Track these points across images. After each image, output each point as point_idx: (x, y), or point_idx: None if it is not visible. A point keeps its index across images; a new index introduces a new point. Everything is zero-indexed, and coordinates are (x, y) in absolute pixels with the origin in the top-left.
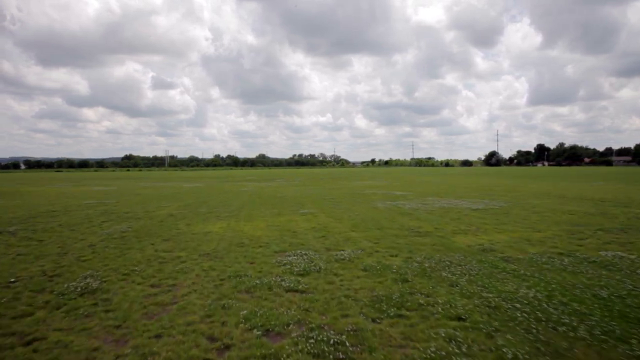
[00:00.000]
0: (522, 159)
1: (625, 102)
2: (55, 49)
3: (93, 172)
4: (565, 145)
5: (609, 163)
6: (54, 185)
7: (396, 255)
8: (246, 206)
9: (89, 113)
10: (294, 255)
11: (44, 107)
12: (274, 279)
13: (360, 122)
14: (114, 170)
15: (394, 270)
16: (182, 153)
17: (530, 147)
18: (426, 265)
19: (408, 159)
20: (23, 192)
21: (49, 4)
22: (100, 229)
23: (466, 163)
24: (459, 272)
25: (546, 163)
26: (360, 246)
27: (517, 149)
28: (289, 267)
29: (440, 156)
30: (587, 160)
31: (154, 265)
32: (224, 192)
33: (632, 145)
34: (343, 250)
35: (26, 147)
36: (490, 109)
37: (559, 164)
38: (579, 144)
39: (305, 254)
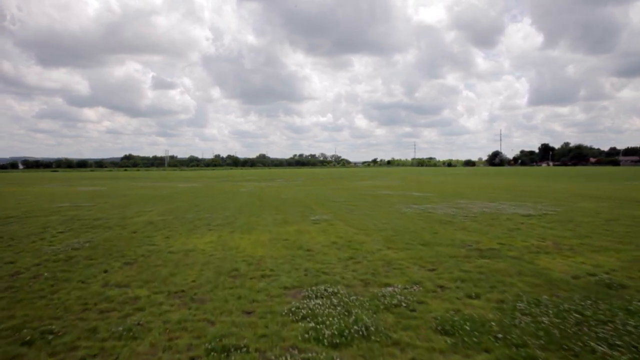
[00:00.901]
0: (527, 158)
1: (626, 103)
2: (56, 49)
3: (89, 172)
4: (571, 145)
5: (616, 163)
6: (42, 185)
7: (477, 297)
8: (244, 210)
9: (89, 113)
10: (317, 297)
11: (44, 107)
12: (289, 356)
13: (361, 122)
14: (110, 170)
15: (496, 334)
16: (182, 153)
17: (531, 147)
18: (544, 321)
19: (409, 159)
20: (0, 192)
21: (49, 4)
22: (49, 244)
23: (469, 163)
24: (612, 336)
25: (551, 163)
26: (412, 277)
27: (519, 149)
28: (312, 324)
29: (440, 156)
30: (592, 160)
31: (87, 319)
32: (221, 192)
33: (633, 144)
34: (390, 287)
35: (27, 147)
36: (491, 109)
37: (565, 164)
38: (580, 144)
39: (334, 294)
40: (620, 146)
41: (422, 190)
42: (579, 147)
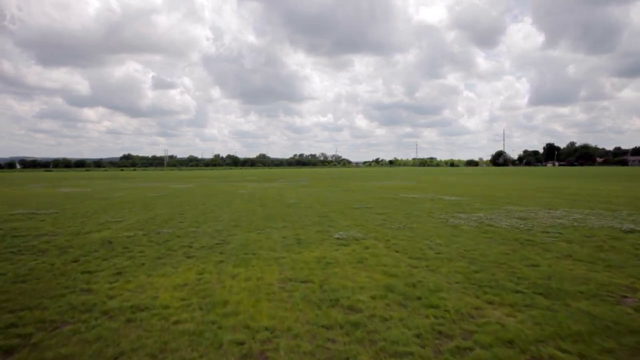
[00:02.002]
0: (532, 158)
1: (626, 103)
2: (56, 49)
3: (84, 172)
4: (576, 145)
5: (624, 163)
6: (22, 186)
7: None
8: (242, 222)
9: (89, 113)
10: None
11: (44, 107)
12: None
13: (361, 122)
14: (106, 170)
15: None
16: (182, 153)
17: (532, 147)
18: None
19: (409, 159)
20: None
21: (49, 4)
22: None
23: (471, 163)
24: None
25: (556, 163)
26: None
27: (520, 149)
28: None
29: (441, 156)
30: (599, 160)
31: None
32: (216, 194)
33: (634, 145)
34: None
35: (27, 147)
36: (491, 109)
37: (571, 164)
38: (586, 143)
39: None
40: (620, 146)
41: (450, 192)
42: (585, 147)
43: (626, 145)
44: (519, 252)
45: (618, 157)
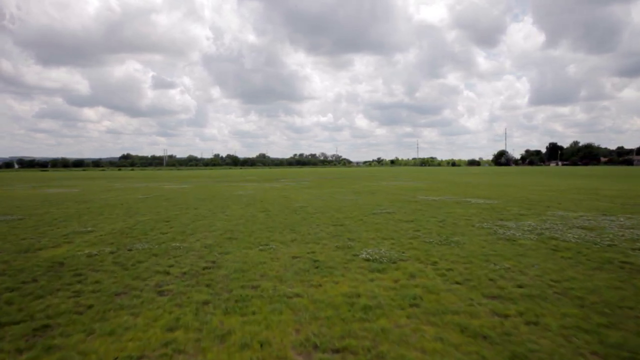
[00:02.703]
0: (535, 158)
1: (627, 102)
2: (55, 48)
3: (80, 172)
4: (580, 144)
5: (629, 162)
6: (7, 187)
7: None
8: (239, 233)
9: (89, 113)
10: None
11: (44, 107)
12: None
13: (361, 122)
14: (104, 170)
15: None
16: (182, 153)
17: (532, 146)
18: None
19: (410, 158)
20: None
21: (48, 3)
22: None
23: (473, 163)
24: None
25: (560, 163)
26: None
27: (519, 149)
28: None
29: (441, 156)
30: (603, 159)
31: None
32: (211, 197)
33: (634, 145)
34: None
35: (27, 147)
36: (492, 109)
37: (574, 164)
38: (590, 143)
39: None
40: (620, 146)
41: (473, 194)
42: (589, 147)
43: (626, 145)
44: (631, 283)
45: (623, 156)
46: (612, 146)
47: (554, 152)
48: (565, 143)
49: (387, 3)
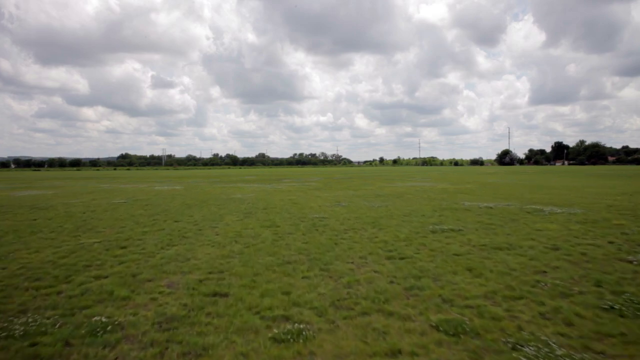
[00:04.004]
0: (541, 157)
1: (627, 102)
2: (54, 48)
3: (73, 172)
4: (587, 143)
5: (639, 161)
6: None
7: None
8: (231, 283)
9: (88, 112)
10: None
11: (43, 107)
12: None
13: (361, 121)
14: (98, 169)
15: None
16: (181, 153)
17: (532, 146)
18: None
19: (410, 158)
20: None
21: (47, 2)
22: None
23: (476, 162)
24: None
25: (566, 162)
26: None
27: (519, 148)
28: None
29: (441, 156)
30: (611, 159)
31: None
32: (203, 202)
33: (635, 145)
34: None
35: (27, 146)
36: (492, 108)
37: (582, 163)
38: (597, 142)
39: None
40: (618, 146)
41: (530, 199)
42: (596, 146)
43: (628, 145)
44: None
45: (631, 155)
46: (613, 145)
47: (560, 152)
48: (565, 142)
49: (387, 2)
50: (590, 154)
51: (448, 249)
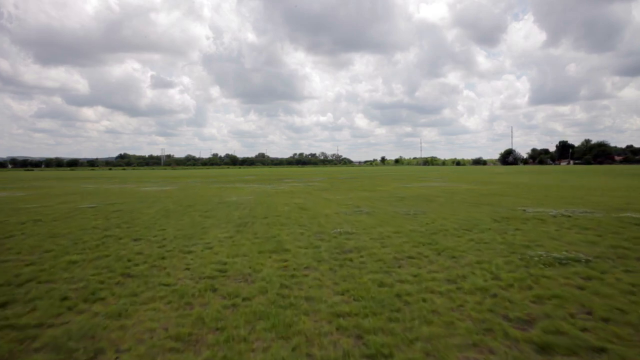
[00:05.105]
0: (546, 157)
1: (627, 102)
2: (54, 48)
3: (67, 172)
4: (592, 143)
5: None
6: None
7: None
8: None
9: (88, 112)
10: None
11: (43, 107)
12: None
13: (361, 121)
14: (93, 169)
15: None
16: (181, 153)
17: (532, 146)
18: None
19: (411, 158)
20: None
21: (47, 1)
22: None
23: (478, 162)
24: None
25: (571, 161)
26: None
27: (520, 148)
28: None
29: (441, 156)
30: (618, 158)
31: None
32: (189, 207)
33: (634, 144)
34: None
35: (26, 147)
36: (492, 108)
37: (588, 162)
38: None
39: None
40: (619, 145)
41: (581, 203)
42: (602, 145)
43: (628, 144)
44: None
45: (638, 154)
46: (612, 145)
47: (565, 151)
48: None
49: (387, 2)
50: (597, 154)
51: (562, 292)
